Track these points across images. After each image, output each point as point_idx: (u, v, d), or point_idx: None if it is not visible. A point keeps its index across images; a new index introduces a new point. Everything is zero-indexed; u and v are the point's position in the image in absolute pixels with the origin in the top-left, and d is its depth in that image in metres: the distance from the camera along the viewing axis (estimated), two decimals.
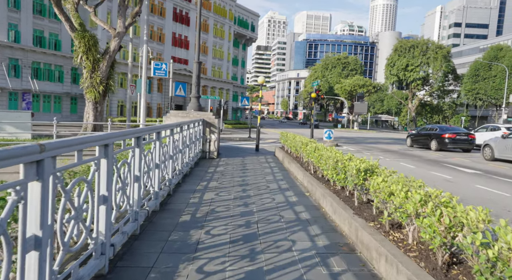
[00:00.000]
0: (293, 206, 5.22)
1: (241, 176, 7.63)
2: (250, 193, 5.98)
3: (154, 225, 4.15)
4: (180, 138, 6.46)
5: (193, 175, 7.65)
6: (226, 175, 7.81)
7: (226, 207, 5.02)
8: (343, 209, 4.23)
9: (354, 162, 4.52)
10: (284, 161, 9.63)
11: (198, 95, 11.08)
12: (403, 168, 11.56)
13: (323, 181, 6.09)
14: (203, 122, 10.36)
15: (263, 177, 7.54)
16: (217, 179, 7.19)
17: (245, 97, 24.86)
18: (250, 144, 19.09)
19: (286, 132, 11.74)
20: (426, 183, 3.93)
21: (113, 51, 14.87)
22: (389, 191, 3.28)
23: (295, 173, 7.83)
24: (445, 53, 66.92)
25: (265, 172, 8.29)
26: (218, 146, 11.59)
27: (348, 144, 22.41)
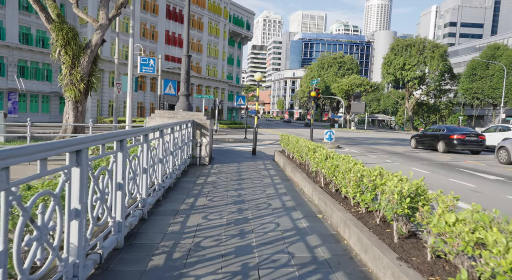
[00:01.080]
0: (304, 236, 3.96)
1: (236, 189, 6.36)
2: (247, 215, 4.72)
3: (107, 277, 2.87)
4: (160, 145, 5.18)
5: (179, 188, 6.36)
6: (219, 187, 6.53)
7: (216, 240, 3.75)
8: (378, 249, 2.98)
9: (392, 181, 3.27)
10: (286, 168, 8.38)
11: (187, 93, 9.80)
12: (415, 173, 10.37)
13: (339, 199, 4.85)
14: (192, 124, 9.08)
15: (262, 191, 6.27)
16: (207, 194, 5.91)
17: (241, 96, 23.59)
18: (246, 146, 17.81)
19: (287, 134, 10.49)
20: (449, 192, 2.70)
21: (95, 45, 13.52)
22: (473, 239, 2.04)
23: (300, 185, 6.58)
24: (442, 52, 66.26)
25: (264, 183, 7.02)
26: (211, 150, 10.32)
27: (350, 146, 21.24)
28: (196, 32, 54.66)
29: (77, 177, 2.44)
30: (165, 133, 5.81)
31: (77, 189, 2.44)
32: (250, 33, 67.79)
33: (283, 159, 9.11)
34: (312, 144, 7.15)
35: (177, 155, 6.93)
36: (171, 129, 6.16)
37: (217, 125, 32.53)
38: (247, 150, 15.32)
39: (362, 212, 4.15)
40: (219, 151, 13.74)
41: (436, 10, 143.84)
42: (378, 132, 56.54)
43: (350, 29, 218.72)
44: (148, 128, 4.36)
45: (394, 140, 31.77)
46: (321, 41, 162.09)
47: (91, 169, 2.70)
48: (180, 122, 7.19)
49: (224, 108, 59.90)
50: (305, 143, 7.49)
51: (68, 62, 13.23)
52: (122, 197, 3.35)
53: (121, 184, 3.33)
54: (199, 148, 9.14)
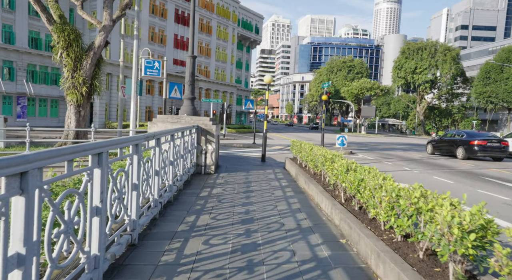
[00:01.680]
0: (327, 270, 3.22)
1: (244, 204, 5.64)
2: (257, 239, 3.99)
3: None
4: (157, 155, 4.50)
5: (180, 202, 5.67)
6: (224, 201, 5.82)
7: (219, 275, 3.03)
8: None
9: (443, 207, 2.52)
10: (299, 178, 7.64)
11: (192, 96, 9.14)
12: (439, 183, 9.52)
13: (366, 220, 4.10)
14: (197, 130, 8.42)
15: (273, 206, 5.54)
16: (210, 210, 5.20)
17: (249, 100, 22.93)
18: (255, 152, 17.11)
19: (299, 141, 9.75)
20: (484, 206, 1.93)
21: (98, 47, 13.01)
22: None
23: (316, 199, 5.83)
24: (454, 55, 64.89)
25: (275, 196, 6.29)
26: (217, 158, 9.64)
27: (362, 151, 20.37)
28: (205, 36, 54.42)
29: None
30: (164, 141, 5.14)
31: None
32: (259, 37, 67.37)
33: (295, 168, 8.38)
34: (328, 152, 6.40)
35: (178, 165, 6.26)
36: (171, 136, 5.48)
37: (225, 129, 31.92)
38: (256, 156, 14.61)
39: (397, 241, 3.39)
40: (226, 157, 13.06)
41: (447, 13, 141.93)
42: (389, 136, 55.33)
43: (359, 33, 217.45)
44: (140, 136, 3.69)
45: (407, 145, 30.74)
46: (330, 45, 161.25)
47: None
48: (183, 128, 6.52)
49: (233, 112, 59.43)
50: (320, 151, 6.75)
51: (70, 64, 12.73)
52: (100, 227, 2.68)
53: (97, 207, 2.66)
54: (204, 156, 8.46)
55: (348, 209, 4.57)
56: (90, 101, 13.53)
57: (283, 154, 16.61)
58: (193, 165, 8.26)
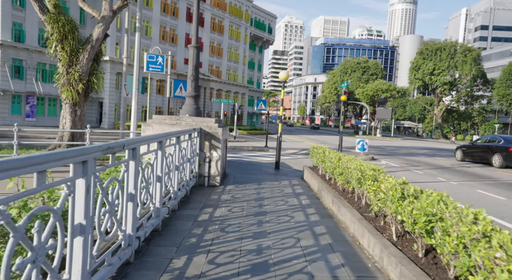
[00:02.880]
0: None
1: (255, 235, 4.21)
2: None
3: None
4: (131, 173, 3.13)
5: (170, 231, 4.27)
6: (229, 230, 4.40)
7: None
8: None
9: None
10: (323, 195, 6.18)
11: (195, 93, 7.78)
12: (489, 200, 7.92)
13: (432, 271, 2.63)
14: (200, 133, 7.04)
15: (295, 240, 4.07)
16: (209, 246, 3.79)
17: (262, 100, 21.53)
18: (268, 157, 15.67)
19: (320, 146, 8.28)
20: None
21: (96, 40, 11.79)
22: None
23: (352, 230, 4.35)
24: (475, 56, 62.33)
25: (296, 222, 4.84)
26: (224, 166, 8.25)
27: (383, 156, 18.73)
28: (217, 36, 53.31)
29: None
30: (147, 150, 3.75)
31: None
32: (271, 36, 65.96)
33: (317, 180, 6.92)
34: (365, 166, 4.92)
35: (171, 179, 4.88)
36: (159, 143, 4.10)
37: (236, 131, 30.59)
38: (268, 162, 13.18)
39: None
40: (235, 163, 11.67)
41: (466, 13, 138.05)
42: (406, 140, 53.16)
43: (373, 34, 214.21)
44: (92, 148, 2.30)
45: (428, 149, 28.87)
46: (344, 46, 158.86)
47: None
48: (179, 132, 5.16)
49: (244, 113, 58.13)
50: (353, 163, 5.26)
51: (65, 59, 11.54)
52: None
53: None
54: (208, 165, 7.07)
55: (409, 256, 3.09)
56: (87, 99, 12.33)
57: (298, 159, 15.14)
58: (195, 176, 6.89)
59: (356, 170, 4.83)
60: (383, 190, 3.73)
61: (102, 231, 2.59)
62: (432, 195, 3.08)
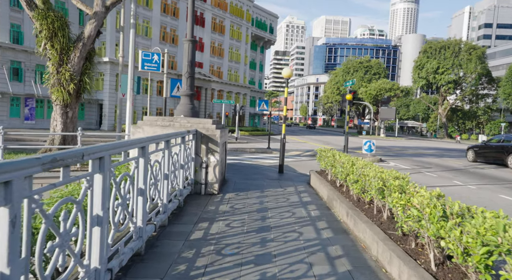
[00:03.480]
0: None
1: (257, 259, 3.48)
2: None
3: None
4: (97, 190, 2.42)
5: (154, 255, 3.55)
6: (227, 252, 3.68)
7: None
8: None
9: None
10: (335, 206, 5.44)
11: (190, 92, 7.08)
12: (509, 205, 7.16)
13: None
14: (196, 136, 6.33)
15: (307, 267, 3.34)
16: (202, 273, 3.06)
17: (264, 100, 20.81)
18: (271, 159, 14.95)
19: (329, 149, 7.55)
20: None
21: (88, 38, 11.12)
22: None
23: (374, 251, 3.62)
24: (480, 54, 61.38)
25: (306, 241, 4.10)
26: (223, 171, 7.54)
27: (390, 157, 17.96)
28: (218, 36, 52.68)
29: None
30: (123, 159, 3.04)
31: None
32: (273, 36, 65.25)
33: (326, 187, 6.18)
34: (386, 173, 4.18)
35: (161, 191, 4.17)
36: (141, 149, 3.39)
37: (237, 132, 29.88)
38: (272, 165, 12.46)
39: None
40: (236, 166, 10.95)
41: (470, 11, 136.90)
42: (410, 140, 52.26)
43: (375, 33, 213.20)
44: (28, 161, 1.60)
45: (435, 149, 28.05)
46: (346, 46, 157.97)
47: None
48: (171, 135, 4.46)
49: (246, 114, 57.44)
50: (372, 170, 4.51)
51: (55, 57, 10.88)
52: None
53: None
54: (205, 171, 6.35)
55: None
56: (79, 100, 11.65)
57: (302, 162, 14.41)
58: (190, 183, 6.18)
59: (377, 179, 4.10)
60: (415, 206, 3.00)
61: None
62: (487, 215, 2.34)
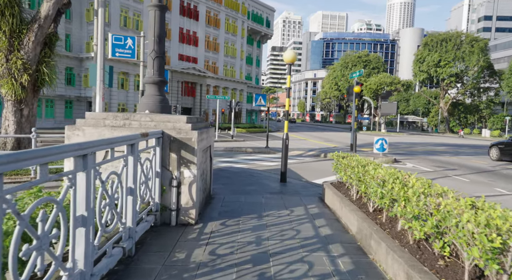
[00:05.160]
0: None
1: None
2: None
3: None
4: None
5: None
6: None
7: None
8: None
9: None
10: (376, 250, 3.41)
11: (159, 78, 5.08)
12: None
13: None
14: (162, 140, 4.33)
15: None
16: None
17: (261, 94, 18.81)
18: (270, 161, 12.97)
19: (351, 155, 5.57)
20: None
21: (46, 18, 9.07)
22: None
23: None
24: (483, 46, 59.51)
25: None
26: (207, 188, 5.54)
27: (402, 156, 16.01)
28: (212, 30, 50.48)
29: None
30: None
31: None
32: (270, 30, 63.06)
33: (354, 213, 4.20)
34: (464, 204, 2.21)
35: (75, 248, 2.19)
36: None
37: (233, 129, 27.89)
38: (271, 168, 10.48)
39: None
40: (228, 173, 8.97)
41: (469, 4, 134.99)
42: (412, 135, 50.40)
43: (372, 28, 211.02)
44: None
45: (445, 146, 26.17)
46: (343, 41, 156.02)
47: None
48: (102, 144, 2.51)
49: (243, 110, 55.39)
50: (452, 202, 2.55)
51: (4, 42, 8.81)
52: None
53: None
54: (176, 191, 4.35)
55: None
56: (37, 95, 9.61)
57: (306, 164, 12.45)
58: (154, 210, 4.18)
59: (478, 225, 2.11)
60: None
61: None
62: None
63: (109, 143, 2.80)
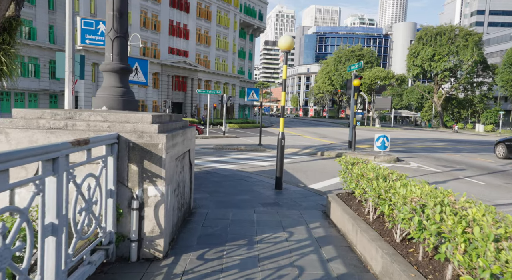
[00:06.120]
0: None
1: None
2: None
3: None
4: None
5: None
6: None
7: None
8: None
9: None
10: None
11: (121, 65, 3.95)
12: None
13: None
14: (118, 147, 3.21)
15: None
16: None
17: (253, 89, 17.67)
18: (263, 160, 11.88)
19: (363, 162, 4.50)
20: None
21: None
22: None
23: None
24: (477, 39, 58.98)
25: None
26: (184, 204, 4.42)
27: (402, 154, 15.05)
28: (204, 22, 48.99)
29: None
30: None
31: None
32: (263, 24, 61.67)
33: (375, 245, 3.14)
34: None
35: None
36: None
37: (225, 125, 26.72)
38: (265, 169, 9.40)
39: None
40: (216, 177, 7.87)
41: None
42: (407, 130, 49.76)
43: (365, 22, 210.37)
44: None
45: (443, 142, 25.36)
46: (336, 35, 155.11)
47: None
48: None
49: (235, 105, 54.14)
50: None
51: None
52: None
53: None
54: (137, 215, 3.24)
55: None
56: None
57: (302, 163, 11.39)
58: (106, 243, 3.07)
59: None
60: None
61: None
62: None
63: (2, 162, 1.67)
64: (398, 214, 2.95)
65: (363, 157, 13.10)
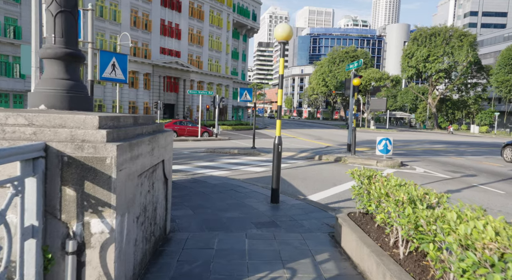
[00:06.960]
0: None
1: None
2: None
3: None
4: None
5: None
6: None
7: None
8: None
9: None
10: None
11: (69, 49, 2.98)
12: None
13: None
14: (46, 163, 2.22)
15: None
16: None
17: (246, 89, 16.70)
18: (257, 165, 10.90)
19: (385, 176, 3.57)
20: None
21: None
22: None
23: None
24: (472, 40, 58.82)
25: None
26: (155, 235, 3.42)
27: (404, 157, 14.17)
28: (196, 22, 47.98)
29: None
30: None
31: None
32: (256, 24, 60.80)
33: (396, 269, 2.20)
34: None
35: None
36: None
37: (217, 127, 25.72)
38: (259, 176, 8.41)
39: None
40: (203, 186, 6.87)
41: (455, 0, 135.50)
42: (402, 132, 49.18)
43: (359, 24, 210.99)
44: None
45: (442, 144, 24.65)
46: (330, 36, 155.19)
47: None
48: None
49: (229, 107, 53.13)
50: None
51: None
52: None
53: None
54: (73, 261, 2.25)
55: None
56: None
57: (299, 169, 10.42)
58: None
59: None
60: None
61: None
62: None
63: None
64: (456, 262, 1.99)
65: (365, 161, 12.18)
